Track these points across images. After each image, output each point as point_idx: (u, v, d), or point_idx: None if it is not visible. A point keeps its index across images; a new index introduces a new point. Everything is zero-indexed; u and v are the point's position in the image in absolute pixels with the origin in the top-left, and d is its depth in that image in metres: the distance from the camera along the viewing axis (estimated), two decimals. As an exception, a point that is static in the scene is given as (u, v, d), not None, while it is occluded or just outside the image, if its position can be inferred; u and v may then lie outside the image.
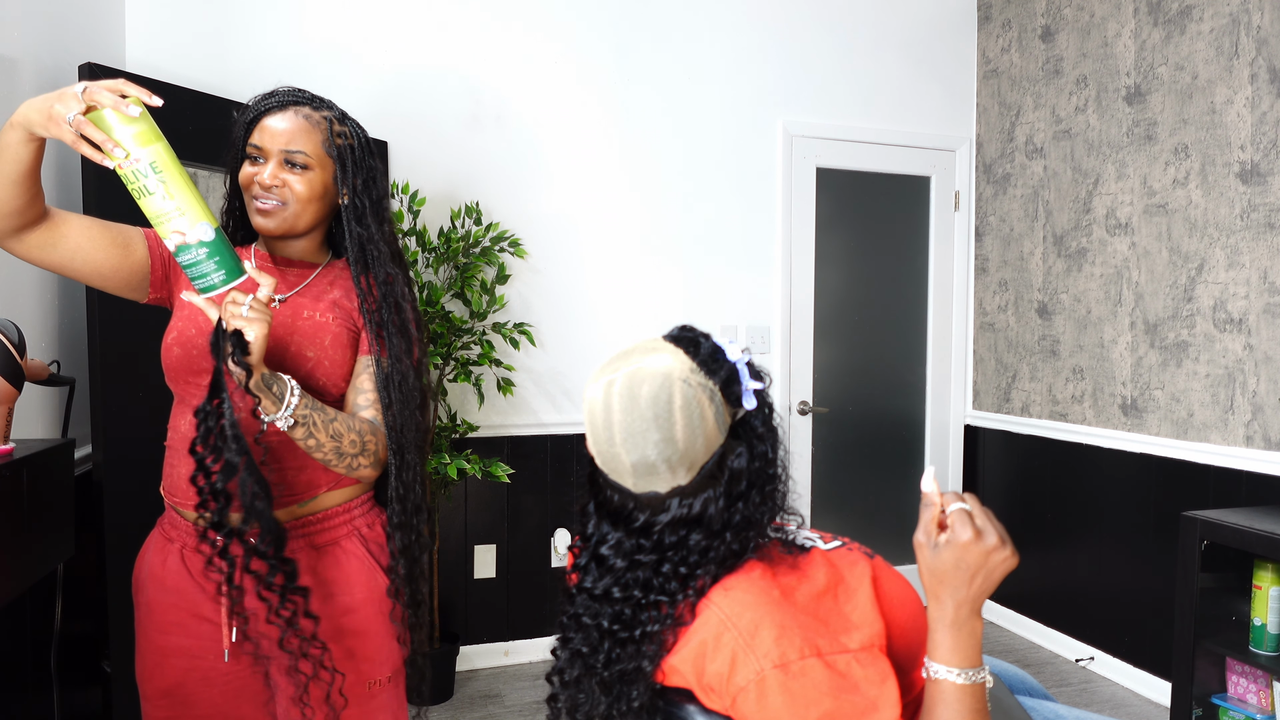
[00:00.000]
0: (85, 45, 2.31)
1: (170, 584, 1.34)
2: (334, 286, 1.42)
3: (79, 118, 1.08)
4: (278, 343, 1.34)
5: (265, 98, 1.38)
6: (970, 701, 0.92)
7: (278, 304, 1.35)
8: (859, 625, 0.98)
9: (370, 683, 1.37)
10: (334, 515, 1.38)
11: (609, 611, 1.02)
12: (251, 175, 1.35)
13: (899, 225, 3.75)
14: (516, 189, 3.16)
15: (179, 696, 1.34)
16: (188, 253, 1.15)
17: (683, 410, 0.98)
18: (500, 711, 2.81)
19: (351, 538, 1.39)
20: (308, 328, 1.36)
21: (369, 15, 2.99)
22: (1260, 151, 2.57)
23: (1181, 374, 2.82)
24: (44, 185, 2.05)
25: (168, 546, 1.37)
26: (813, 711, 0.89)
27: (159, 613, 1.35)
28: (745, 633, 0.94)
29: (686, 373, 1.00)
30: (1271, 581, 2.27)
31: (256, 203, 1.35)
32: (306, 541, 1.36)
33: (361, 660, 1.36)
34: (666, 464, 0.99)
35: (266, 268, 1.41)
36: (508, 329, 2.96)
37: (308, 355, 1.35)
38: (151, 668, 1.36)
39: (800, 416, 3.56)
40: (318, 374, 1.36)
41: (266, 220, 1.35)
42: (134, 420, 2.12)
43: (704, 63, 3.38)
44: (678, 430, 0.98)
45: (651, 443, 0.98)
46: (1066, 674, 3.13)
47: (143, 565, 1.40)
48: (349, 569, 1.37)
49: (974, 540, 0.90)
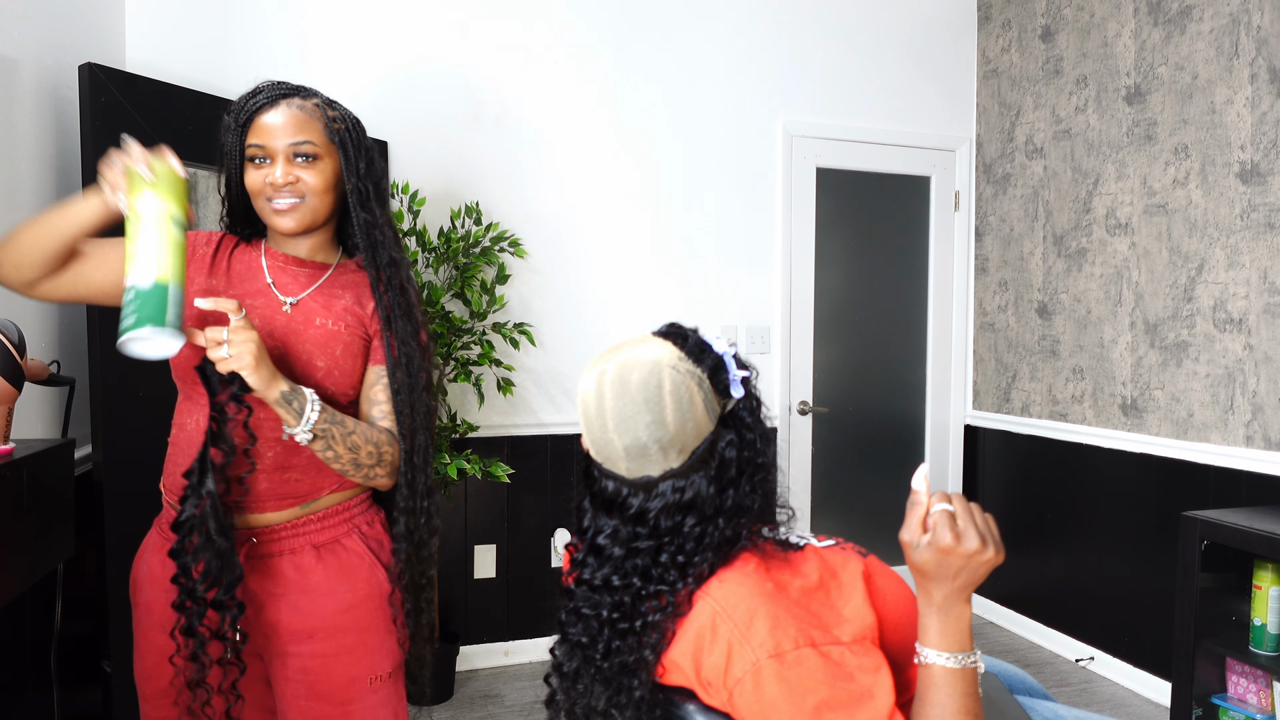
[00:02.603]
0: (85, 45, 2.31)
1: (170, 584, 1.34)
2: (346, 291, 1.41)
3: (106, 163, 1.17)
4: (289, 350, 1.34)
5: (252, 96, 1.35)
6: (961, 685, 0.93)
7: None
8: (850, 619, 0.99)
9: (373, 678, 1.39)
10: (334, 514, 1.39)
11: (608, 601, 1.03)
12: (261, 177, 1.32)
13: (899, 225, 3.75)
14: (516, 189, 3.16)
15: (177, 696, 1.34)
16: (125, 294, 1.15)
17: (672, 394, 1.01)
18: (500, 711, 2.81)
19: (352, 535, 1.40)
20: (319, 336, 1.36)
21: (369, 15, 2.99)
22: (1260, 151, 2.57)
23: (1181, 374, 2.82)
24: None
25: (166, 546, 1.36)
26: (809, 700, 0.90)
27: (159, 612, 1.35)
28: (740, 623, 0.95)
29: (675, 360, 1.03)
30: (1271, 581, 2.27)
31: (272, 204, 1.33)
32: (308, 540, 1.36)
33: (364, 655, 1.38)
34: (658, 445, 1.01)
35: (279, 268, 1.39)
36: (508, 329, 2.96)
37: (318, 365, 1.35)
38: (151, 668, 1.37)
39: (800, 416, 3.56)
40: (327, 384, 1.36)
41: (287, 220, 1.33)
42: (134, 420, 2.12)
43: (704, 63, 3.38)
44: (668, 413, 1.00)
45: (643, 425, 1.00)
46: (1066, 674, 3.13)
47: (141, 565, 1.40)
48: (350, 566, 1.38)
49: (954, 543, 0.92)
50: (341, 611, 1.36)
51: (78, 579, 2.02)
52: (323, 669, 1.36)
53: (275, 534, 1.35)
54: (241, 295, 1.36)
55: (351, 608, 1.37)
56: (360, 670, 1.37)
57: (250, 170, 1.33)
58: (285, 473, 1.34)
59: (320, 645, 1.36)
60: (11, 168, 1.89)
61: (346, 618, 1.36)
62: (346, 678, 1.37)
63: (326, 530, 1.38)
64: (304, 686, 1.36)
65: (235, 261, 1.40)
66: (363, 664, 1.38)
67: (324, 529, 1.38)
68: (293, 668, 1.36)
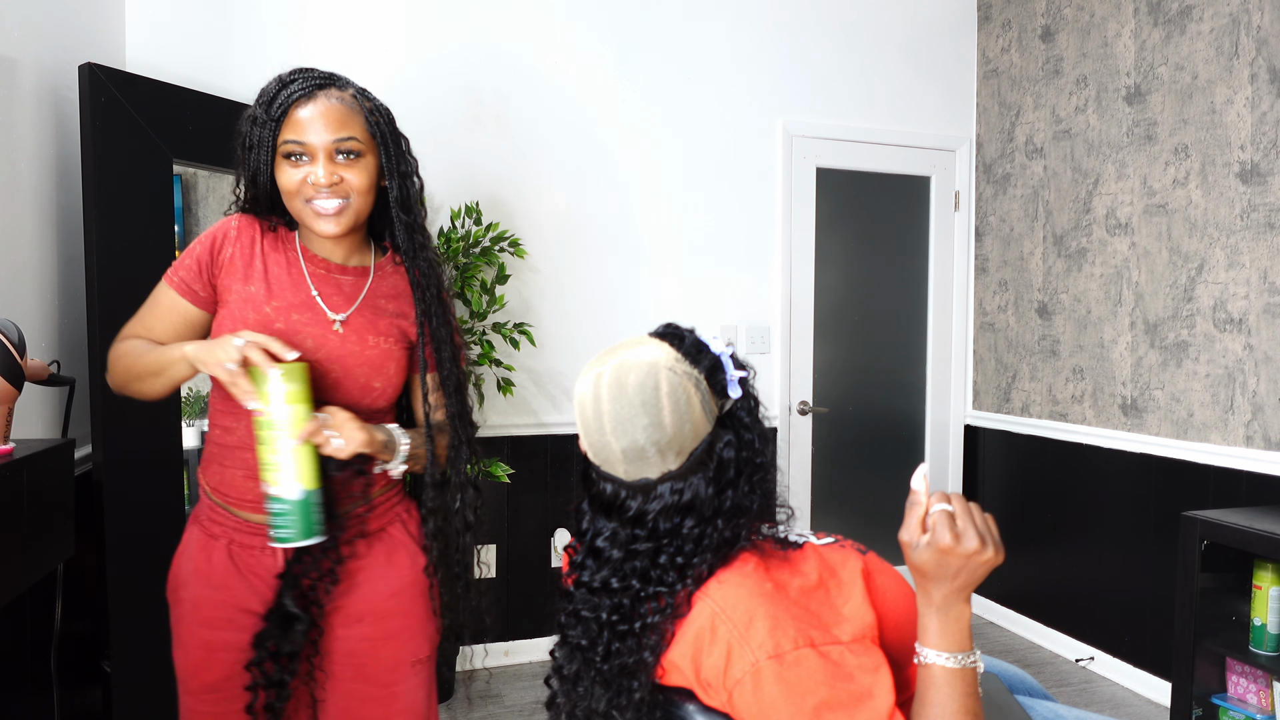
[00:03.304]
0: (85, 45, 2.31)
1: (218, 580, 1.35)
2: (390, 302, 1.39)
3: (235, 369, 1.18)
4: (345, 374, 1.34)
5: (284, 86, 1.26)
6: (961, 685, 0.93)
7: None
8: (850, 618, 0.99)
9: (414, 660, 1.44)
10: (381, 503, 1.42)
11: (607, 604, 1.03)
12: (302, 177, 1.25)
13: (899, 225, 3.75)
14: (516, 189, 3.16)
15: (226, 691, 1.35)
16: (273, 503, 1.23)
17: (669, 396, 1.00)
18: (500, 711, 2.81)
19: (395, 523, 1.44)
20: (375, 357, 1.35)
21: (369, 15, 2.99)
22: (1260, 151, 2.57)
23: (1181, 374, 2.82)
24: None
25: (212, 543, 1.37)
26: (809, 700, 0.90)
27: (206, 609, 1.35)
28: (740, 624, 0.95)
29: (672, 362, 1.02)
30: (1271, 581, 2.27)
31: (314, 205, 1.27)
32: (358, 530, 1.39)
33: (408, 639, 1.42)
34: (656, 448, 1.00)
35: (322, 277, 1.36)
36: (508, 329, 2.96)
37: (375, 386, 1.37)
38: (197, 663, 1.36)
39: (800, 416, 3.56)
40: (380, 402, 1.39)
41: (331, 223, 1.28)
42: (134, 420, 2.12)
43: (704, 63, 3.38)
44: (665, 415, 1.00)
45: (640, 427, 1.00)
46: (1066, 674, 3.13)
47: (185, 563, 1.39)
48: (396, 552, 1.42)
49: (954, 543, 0.92)
50: (389, 597, 1.40)
51: (78, 579, 2.02)
52: (370, 652, 1.39)
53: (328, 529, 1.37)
54: (286, 308, 1.32)
55: (397, 593, 1.41)
56: (404, 653, 1.42)
57: (286, 167, 1.27)
58: (352, 476, 1.36)
59: (369, 629, 1.39)
60: (11, 168, 1.88)
61: (393, 603, 1.40)
62: (392, 660, 1.40)
63: (376, 519, 1.41)
64: (351, 669, 1.39)
65: (269, 263, 1.35)
66: (406, 647, 1.42)
67: (373, 518, 1.41)
68: (340, 651, 1.39)
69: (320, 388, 1.31)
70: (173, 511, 2.25)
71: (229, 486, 1.35)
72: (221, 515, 1.36)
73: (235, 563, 1.35)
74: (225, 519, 1.36)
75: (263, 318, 1.30)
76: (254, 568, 1.36)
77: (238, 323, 1.30)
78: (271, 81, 1.29)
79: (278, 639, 1.30)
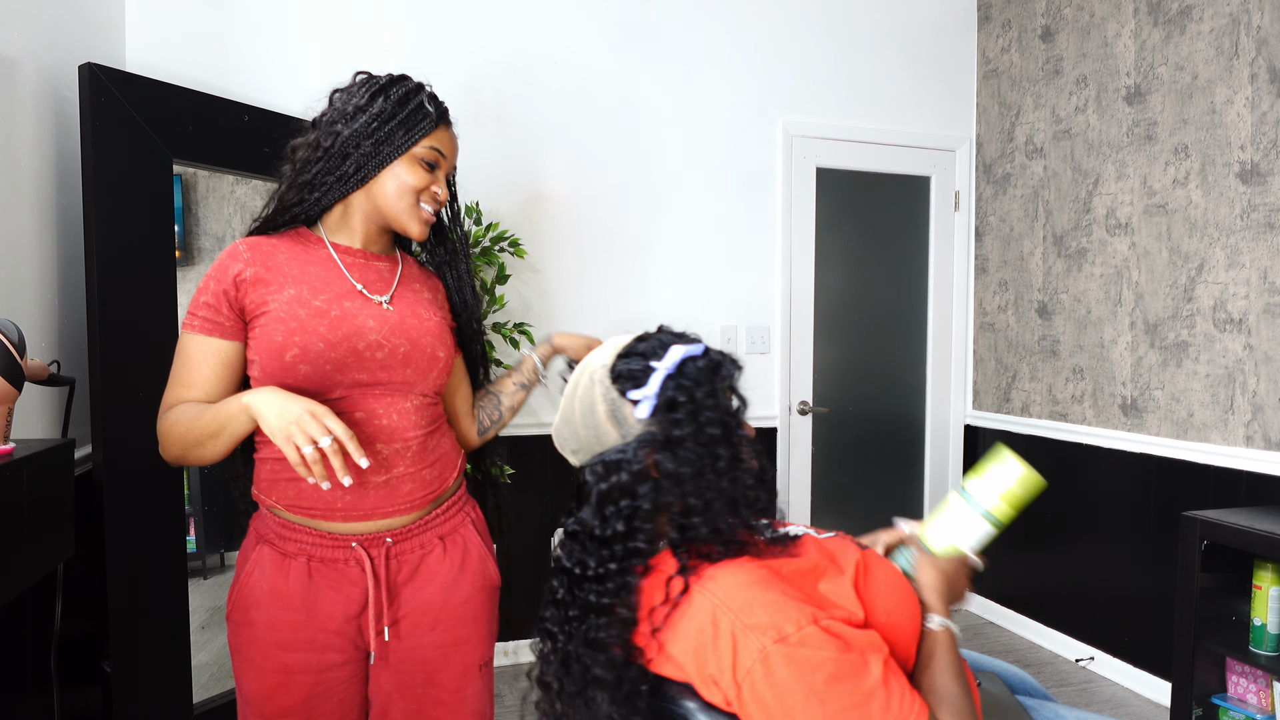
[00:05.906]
0: (85, 45, 2.31)
1: (297, 601, 1.31)
2: (422, 284, 1.47)
3: (312, 454, 1.14)
4: (413, 345, 1.36)
5: (434, 100, 1.39)
6: (955, 646, 1.07)
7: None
8: (838, 605, 1.01)
9: (482, 664, 1.45)
10: (453, 504, 1.44)
11: (582, 579, 1.09)
12: (428, 182, 1.38)
13: (899, 225, 3.75)
14: (516, 189, 3.16)
15: (303, 713, 1.33)
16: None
17: (581, 400, 1.10)
18: (500, 711, 2.80)
19: (466, 524, 1.45)
20: (434, 328, 1.41)
21: (369, 15, 2.99)
22: (1260, 151, 2.57)
23: (1181, 374, 2.82)
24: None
25: (289, 562, 1.32)
26: (819, 675, 0.92)
27: (284, 631, 1.32)
28: (740, 612, 0.97)
29: (597, 368, 1.11)
30: (1271, 581, 2.27)
31: (424, 209, 1.39)
32: (435, 533, 1.39)
33: (478, 644, 1.43)
34: (570, 448, 1.13)
35: (356, 265, 1.38)
36: (508, 329, 2.96)
37: (440, 356, 1.41)
38: (274, 687, 1.33)
39: (800, 416, 3.55)
40: (441, 379, 1.43)
41: (425, 229, 1.40)
42: (134, 420, 2.12)
43: (704, 63, 3.38)
44: (575, 416, 1.11)
45: (562, 420, 1.13)
46: (1066, 674, 3.13)
47: (259, 583, 1.34)
48: (468, 556, 1.43)
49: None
50: (462, 603, 1.40)
51: (78, 579, 2.02)
52: (442, 659, 1.39)
53: (409, 531, 1.37)
54: (334, 298, 1.32)
55: (470, 599, 1.41)
56: (474, 658, 1.42)
57: (418, 169, 1.36)
58: (428, 469, 1.37)
59: (442, 635, 1.39)
60: (11, 167, 1.88)
61: (466, 609, 1.41)
62: (463, 666, 1.41)
63: (449, 520, 1.42)
64: (422, 675, 1.38)
65: (300, 262, 1.34)
66: (476, 652, 1.43)
67: (446, 519, 1.42)
68: (412, 658, 1.38)
69: (389, 365, 1.33)
70: (173, 512, 2.25)
71: (307, 499, 1.31)
72: (298, 532, 1.32)
73: (315, 578, 1.32)
74: (303, 535, 1.32)
75: (314, 311, 1.29)
76: (337, 581, 1.33)
77: (288, 324, 1.27)
78: (399, 86, 1.36)
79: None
